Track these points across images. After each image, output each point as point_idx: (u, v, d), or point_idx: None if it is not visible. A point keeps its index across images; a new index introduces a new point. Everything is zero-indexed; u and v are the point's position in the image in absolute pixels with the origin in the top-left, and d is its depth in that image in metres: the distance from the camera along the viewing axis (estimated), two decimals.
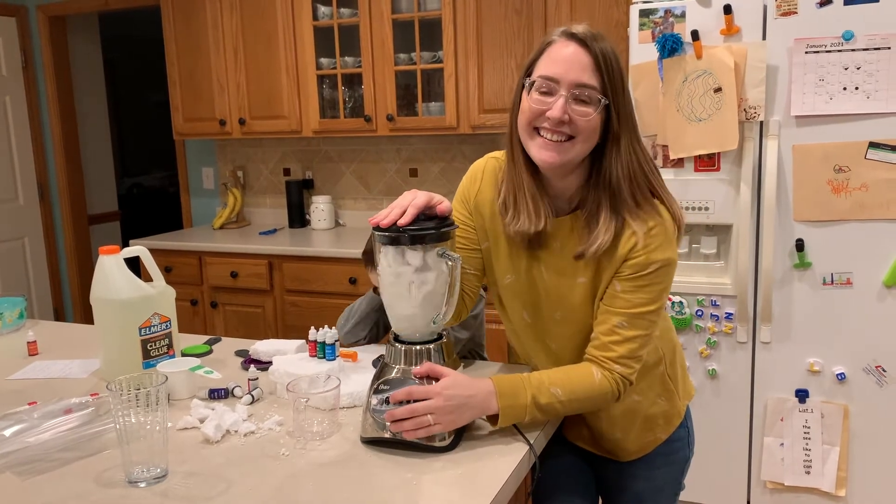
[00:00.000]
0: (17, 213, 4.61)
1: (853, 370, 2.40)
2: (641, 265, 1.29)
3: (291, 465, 1.24)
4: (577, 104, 1.24)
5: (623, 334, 1.32)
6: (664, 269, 1.31)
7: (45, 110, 4.66)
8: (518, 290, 1.43)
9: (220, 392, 1.54)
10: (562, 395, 1.30)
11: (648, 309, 1.31)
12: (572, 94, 1.24)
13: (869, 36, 2.24)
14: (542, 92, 1.26)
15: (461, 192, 1.47)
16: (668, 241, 1.30)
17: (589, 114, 1.24)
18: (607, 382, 1.32)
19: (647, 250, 1.28)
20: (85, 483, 1.20)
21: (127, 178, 7.61)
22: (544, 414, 1.31)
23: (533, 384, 1.29)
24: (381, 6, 3.34)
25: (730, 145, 2.39)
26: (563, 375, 1.33)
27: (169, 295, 1.71)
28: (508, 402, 1.27)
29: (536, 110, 1.26)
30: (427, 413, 1.22)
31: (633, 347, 1.32)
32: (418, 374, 1.27)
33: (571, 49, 1.24)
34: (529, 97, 1.27)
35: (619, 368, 1.32)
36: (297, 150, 4.07)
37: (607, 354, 1.33)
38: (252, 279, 3.51)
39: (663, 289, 1.33)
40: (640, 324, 1.32)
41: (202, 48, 3.76)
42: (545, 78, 1.25)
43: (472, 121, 3.28)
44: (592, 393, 1.32)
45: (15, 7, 4.51)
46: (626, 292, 1.31)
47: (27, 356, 1.89)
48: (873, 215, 2.31)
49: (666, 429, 1.52)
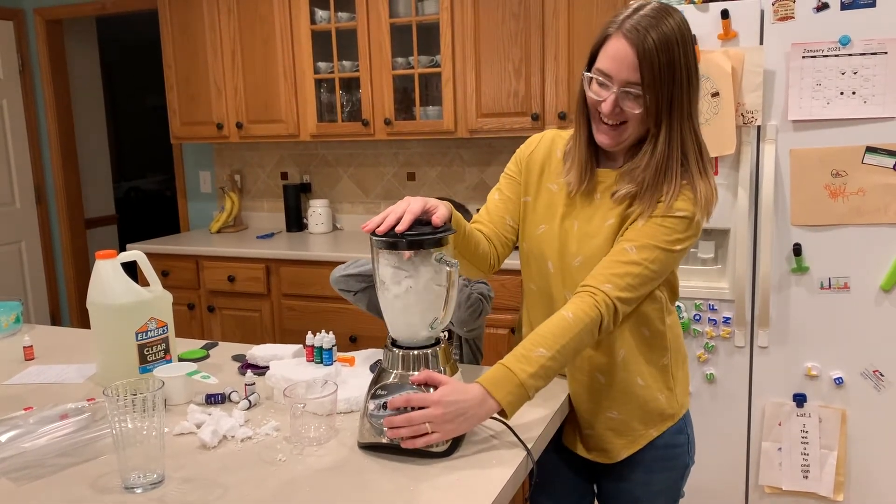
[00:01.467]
0: (13, 216, 4.61)
1: (851, 375, 2.40)
2: (666, 210, 1.36)
3: (288, 470, 1.24)
4: (627, 98, 1.35)
5: (628, 256, 1.35)
6: (685, 220, 1.37)
7: (42, 114, 4.66)
8: (548, 238, 1.49)
9: (216, 397, 1.53)
10: (547, 352, 1.28)
11: (658, 244, 1.36)
12: (622, 90, 1.34)
13: (866, 41, 2.25)
14: (600, 84, 1.37)
15: (518, 153, 1.60)
16: (696, 204, 1.38)
17: (634, 108, 1.35)
18: (584, 308, 1.31)
19: (675, 199, 1.37)
20: (81, 489, 1.19)
21: (124, 181, 7.60)
22: (544, 379, 1.29)
23: (516, 360, 1.28)
24: (378, 10, 3.34)
25: (727, 150, 2.39)
26: (538, 335, 1.31)
27: (166, 299, 1.71)
28: (506, 390, 1.25)
29: (595, 101, 1.39)
30: (425, 422, 1.22)
31: (631, 272, 1.34)
32: (416, 381, 1.26)
33: (621, 46, 1.32)
34: (590, 88, 1.39)
35: (607, 287, 1.33)
36: (294, 154, 4.07)
37: (601, 271, 1.36)
38: (249, 283, 3.50)
39: (680, 238, 1.37)
40: (646, 254, 1.35)
41: (199, 52, 3.76)
42: (600, 72, 1.36)
43: (470, 125, 3.28)
44: (573, 331, 1.30)
45: (12, 10, 4.50)
46: (647, 226, 1.37)
47: (23, 361, 1.88)
48: (870, 220, 2.32)
49: (659, 427, 1.51)
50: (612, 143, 1.40)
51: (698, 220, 1.39)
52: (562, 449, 1.59)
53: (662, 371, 1.50)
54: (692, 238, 1.40)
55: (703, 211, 1.39)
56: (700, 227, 1.41)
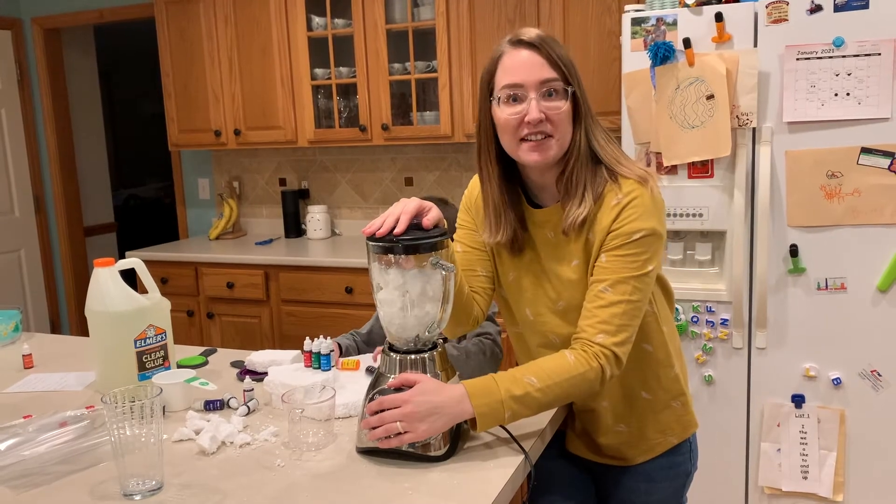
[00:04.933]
0: (12, 225, 4.61)
1: (849, 375, 2.41)
2: (625, 234, 1.30)
3: (287, 476, 1.24)
4: (547, 100, 1.30)
5: (605, 298, 1.30)
6: (648, 238, 1.31)
7: (40, 122, 4.67)
8: (522, 285, 1.45)
9: (215, 403, 1.54)
10: (537, 383, 1.26)
11: (633, 274, 1.30)
12: (541, 92, 1.30)
13: (859, 42, 2.26)
14: (513, 99, 1.31)
15: (464, 200, 1.54)
16: (650, 212, 1.31)
17: (560, 106, 1.30)
18: (584, 359, 1.28)
19: (629, 219, 1.30)
20: (80, 496, 1.20)
21: (123, 189, 7.60)
22: (525, 407, 1.26)
23: (505, 379, 1.27)
24: (374, 16, 3.35)
25: (723, 152, 2.40)
26: (535, 365, 1.30)
27: (164, 306, 1.71)
28: (483, 401, 1.24)
29: (514, 120, 1.31)
30: (396, 420, 1.23)
31: (616, 312, 1.29)
32: (391, 385, 1.27)
33: (524, 54, 1.30)
34: (501, 111, 1.32)
35: (600, 338, 1.29)
36: (292, 161, 4.08)
37: (588, 322, 1.31)
38: (248, 289, 3.51)
39: (648, 259, 1.31)
40: (622, 288, 1.30)
41: (197, 59, 3.77)
42: (510, 87, 1.31)
43: (467, 129, 3.29)
44: (569, 374, 1.27)
45: (10, 20, 4.51)
46: (611, 261, 1.31)
47: (22, 369, 1.89)
48: (866, 220, 2.32)
49: (681, 435, 1.51)
50: (542, 157, 1.32)
51: (655, 229, 1.32)
52: (563, 454, 1.59)
53: (674, 381, 1.48)
54: (660, 248, 1.35)
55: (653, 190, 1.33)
56: (663, 227, 1.34)
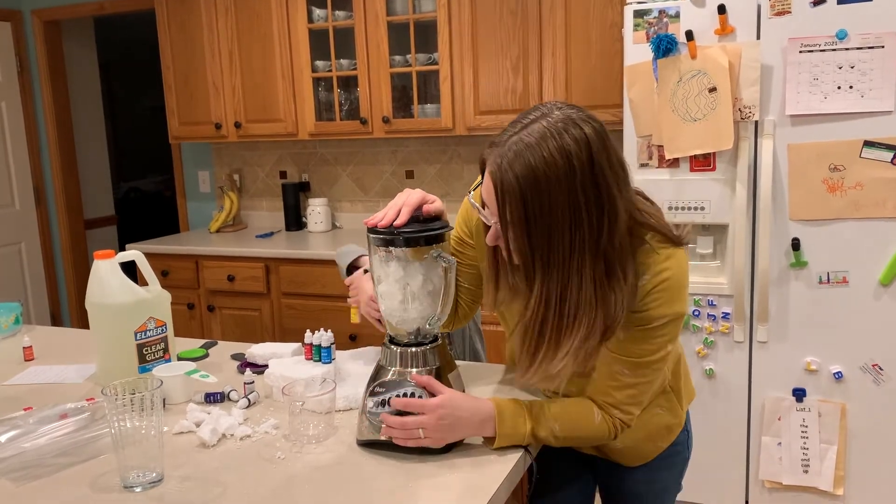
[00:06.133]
0: (13, 217, 4.61)
1: (850, 369, 2.41)
2: (648, 319, 1.23)
3: (287, 468, 1.24)
4: (504, 234, 1.19)
5: (623, 381, 1.28)
6: (672, 322, 1.25)
7: (40, 115, 4.66)
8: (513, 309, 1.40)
9: (216, 396, 1.54)
10: (559, 432, 1.29)
11: (652, 358, 1.27)
12: (496, 222, 1.19)
13: (862, 35, 2.25)
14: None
15: (463, 214, 1.49)
16: (678, 294, 1.24)
17: (508, 241, 1.18)
18: (606, 425, 1.31)
19: (656, 304, 1.22)
20: (80, 488, 1.20)
21: (123, 182, 7.60)
22: (537, 443, 1.32)
23: (534, 415, 1.29)
24: (375, 8, 3.34)
25: (725, 145, 2.39)
26: (563, 411, 1.31)
27: (164, 299, 1.71)
28: (508, 431, 1.27)
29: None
30: (418, 427, 1.23)
31: (633, 394, 1.30)
32: (418, 382, 1.27)
33: (486, 179, 1.18)
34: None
35: (618, 414, 1.31)
36: (293, 153, 4.07)
37: (606, 399, 1.31)
38: (249, 282, 3.51)
39: (669, 340, 1.27)
40: (643, 372, 1.28)
41: (197, 52, 3.75)
42: (482, 203, 1.22)
43: (468, 122, 3.28)
44: (590, 433, 1.32)
45: (10, 12, 4.50)
46: (630, 341, 1.25)
47: (23, 361, 1.88)
48: (869, 214, 2.31)
49: (668, 438, 1.51)
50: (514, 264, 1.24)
51: (680, 313, 1.25)
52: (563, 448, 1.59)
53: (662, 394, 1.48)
54: (681, 325, 1.29)
55: (682, 262, 1.24)
56: (686, 303, 1.27)
